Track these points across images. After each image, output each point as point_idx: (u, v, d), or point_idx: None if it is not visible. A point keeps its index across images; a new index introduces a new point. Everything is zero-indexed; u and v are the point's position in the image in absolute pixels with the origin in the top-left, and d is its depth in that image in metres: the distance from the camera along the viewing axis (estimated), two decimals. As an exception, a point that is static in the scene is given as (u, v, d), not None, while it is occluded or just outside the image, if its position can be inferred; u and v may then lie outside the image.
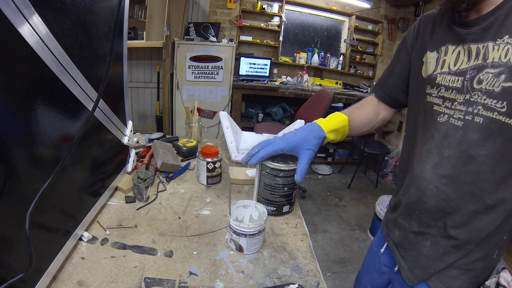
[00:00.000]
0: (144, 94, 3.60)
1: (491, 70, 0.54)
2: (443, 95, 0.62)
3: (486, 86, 0.55)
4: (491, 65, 0.54)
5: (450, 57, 0.61)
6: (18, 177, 0.45)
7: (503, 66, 0.52)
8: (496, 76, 0.53)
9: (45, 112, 0.50)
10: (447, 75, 0.61)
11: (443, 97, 0.62)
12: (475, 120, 0.57)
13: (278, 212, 0.81)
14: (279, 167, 0.73)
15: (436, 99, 0.64)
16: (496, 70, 0.53)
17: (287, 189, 0.77)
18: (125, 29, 0.79)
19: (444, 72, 0.62)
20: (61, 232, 0.59)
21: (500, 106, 0.53)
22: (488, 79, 0.54)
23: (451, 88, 0.61)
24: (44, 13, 0.45)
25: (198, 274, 0.61)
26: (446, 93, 0.62)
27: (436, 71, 0.64)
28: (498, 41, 0.53)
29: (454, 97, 0.60)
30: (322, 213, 2.69)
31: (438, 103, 0.64)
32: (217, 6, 3.38)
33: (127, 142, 0.88)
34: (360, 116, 0.82)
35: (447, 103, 0.62)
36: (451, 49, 0.61)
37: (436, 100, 0.64)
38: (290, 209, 0.84)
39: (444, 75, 0.62)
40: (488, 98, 0.54)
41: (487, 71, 0.54)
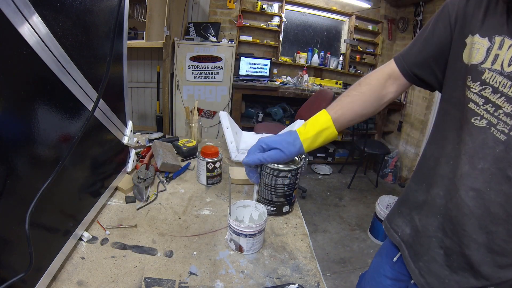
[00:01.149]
0: (144, 94, 3.60)
1: None
2: (487, 96, 0.53)
3: None
4: None
5: (506, 53, 0.50)
6: (18, 177, 0.45)
7: None
8: None
9: (45, 112, 0.50)
10: (498, 75, 0.51)
11: (486, 98, 0.53)
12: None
13: (278, 212, 0.81)
14: (279, 167, 0.73)
15: (476, 96, 0.54)
16: None
17: (287, 189, 0.77)
18: (125, 29, 0.79)
19: (495, 70, 0.52)
20: (61, 232, 0.59)
21: None
22: None
23: (500, 93, 0.51)
24: (44, 13, 0.45)
25: (198, 274, 0.61)
26: (492, 96, 0.52)
27: (485, 64, 0.53)
28: None
29: (500, 104, 0.51)
30: (322, 213, 2.69)
31: (477, 102, 0.54)
32: (217, 6, 3.38)
33: (127, 142, 0.88)
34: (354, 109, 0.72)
35: (489, 107, 0.53)
36: (508, 43, 0.50)
37: (475, 97, 0.54)
38: (290, 209, 0.84)
39: (494, 73, 0.52)
40: None
41: None
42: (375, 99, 0.72)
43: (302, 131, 0.70)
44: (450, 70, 0.62)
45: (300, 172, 0.79)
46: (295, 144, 0.69)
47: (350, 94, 0.73)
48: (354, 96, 0.72)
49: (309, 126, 0.70)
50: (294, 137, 0.70)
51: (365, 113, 0.73)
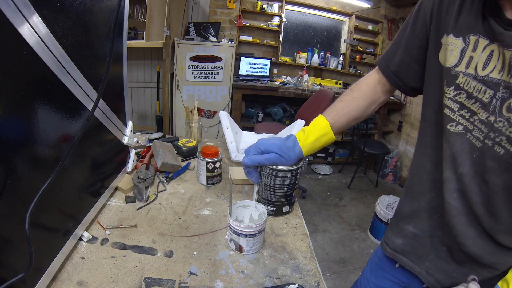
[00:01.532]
0: (144, 94, 3.60)
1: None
2: (462, 102, 0.51)
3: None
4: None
5: (480, 55, 0.48)
6: (18, 177, 0.45)
7: None
8: None
9: (45, 112, 0.50)
10: (473, 80, 0.49)
11: (461, 104, 0.51)
12: (495, 148, 0.48)
13: (278, 212, 0.81)
14: (279, 167, 0.73)
15: (450, 102, 0.53)
16: None
17: (287, 189, 0.77)
18: (125, 29, 0.78)
19: (469, 74, 0.49)
20: (61, 232, 0.59)
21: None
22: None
23: (474, 98, 0.49)
24: (44, 13, 0.45)
25: (198, 274, 0.61)
26: (467, 102, 0.50)
27: (459, 67, 0.51)
28: None
29: (475, 110, 0.49)
30: (322, 213, 2.69)
31: (452, 107, 0.52)
32: (217, 6, 3.38)
33: (127, 142, 0.88)
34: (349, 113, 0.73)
35: (464, 113, 0.51)
36: (482, 43, 0.48)
37: (450, 103, 0.53)
38: (290, 209, 0.84)
39: (468, 78, 0.49)
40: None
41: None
42: (368, 104, 0.74)
43: (302, 137, 0.72)
44: (428, 72, 0.60)
45: (300, 172, 0.79)
46: (294, 149, 0.71)
47: (344, 99, 0.75)
48: (348, 101, 0.74)
49: (308, 132, 0.72)
50: (293, 142, 0.71)
51: (360, 117, 0.75)
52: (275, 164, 0.72)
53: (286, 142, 0.71)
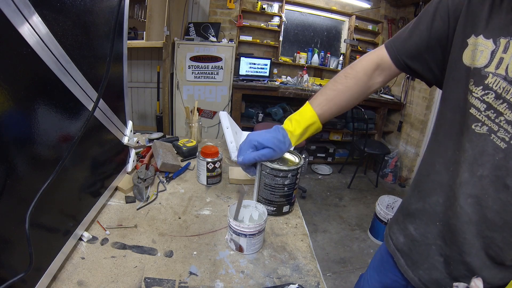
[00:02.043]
0: (144, 94, 3.60)
1: None
2: (489, 102, 0.50)
3: None
4: None
5: (511, 57, 0.48)
6: (18, 177, 0.45)
7: None
8: None
9: (45, 112, 0.50)
10: (503, 80, 0.48)
11: (488, 104, 0.50)
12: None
13: (278, 212, 0.81)
14: (279, 167, 0.73)
15: (477, 101, 0.52)
16: None
17: (287, 189, 0.77)
18: (125, 29, 0.79)
19: (499, 75, 0.49)
20: (61, 232, 0.59)
21: None
22: None
23: (502, 99, 0.48)
24: (44, 13, 0.45)
25: (198, 274, 0.61)
26: (494, 102, 0.49)
27: (489, 67, 0.50)
28: None
29: (502, 111, 0.49)
30: (322, 213, 2.69)
31: (479, 107, 0.51)
32: (217, 6, 3.38)
33: (127, 142, 0.88)
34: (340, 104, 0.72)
35: (490, 113, 0.50)
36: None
37: (477, 102, 0.52)
38: (290, 209, 0.84)
39: (498, 78, 0.49)
40: None
41: None
42: (361, 91, 0.72)
43: (290, 128, 0.73)
44: (450, 70, 0.59)
45: (300, 172, 0.79)
46: (285, 142, 0.73)
47: (336, 88, 0.72)
48: (340, 90, 0.72)
49: (295, 123, 0.73)
50: (283, 134, 0.73)
51: (350, 105, 0.74)
52: (270, 159, 0.74)
53: (277, 135, 0.72)
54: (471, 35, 0.53)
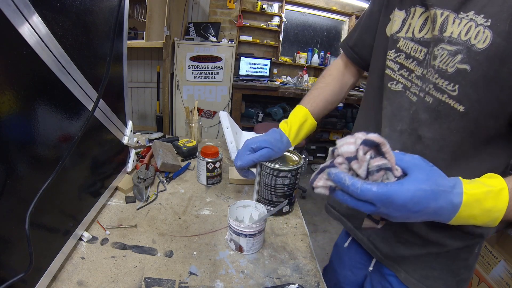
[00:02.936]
0: (144, 94, 3.60)
1: (447, 46, 0.48)
2: (401, 62, 0.57)
3: (439, 64, 0.49)
4: (448, 41, 0.48)
5: (417, 21, 0.54)
6: (18, 177, 0.45)
7: (461, 45, 0.46)
8: (452, 55, 0.47)
9: (45, 112, 0.50)
10: (410, 42, 0.55)
11: (400, 64, 0.57)
12: (426, 99, 0.52)
13: (278, 212, 0.81)
14: (279, 167, 0.73)
15: (391, 63, 0.59)
16: (453, 48, 0.47)
17: (287, 189, 0.77)
18: (125, 29, 0.78)
19: (407, 38, 0.56)
20: (61, 232, 0.59)
21: (452, 89, 0.48)
22: (442, 57, 0.48)
23: (412, 58, 0.55)
24: (44, 13, 0.45)
25: (198, 274, 0.61)
26: (406, 62, 0.56)
27: (400, 33, 0.58)
28: (461, 15, 0.46)
29: (413, 68, 0.55)
30: (322, 213, 2.69)
31: (393, 68, 0.58)
32: (217, 6, 3.38)
33: (127, 142, 0.88)
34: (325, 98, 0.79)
35: (403, 72, 0.57)
36: (419, 11, 0.54)
37: (391, 64, 0.59)
38: (290, 209, 0.84)
39: (407, 41, 0.56)
40: (440, 78, 0.49)
41: (443, 46, 0.48)
42: (339, 87, 0.81)
43: (286, 127, 0.76)
44: (376, 44, 0.67)
45: (300, 172, 0.79)
46: (282, 140, 0.74)
47: (318, 86, 0.82)
48: (322, 88, 0.81)
49: (290, 122, 0.77)
50: (281, 134, 0.75)
51: (335, 100, 0.82)
52: (268, 159, 0.74)
53: (274, 135, 0.74)
54: (392, 11, 0.61)
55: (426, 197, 0.39)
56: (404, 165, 0.42)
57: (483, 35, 0.44)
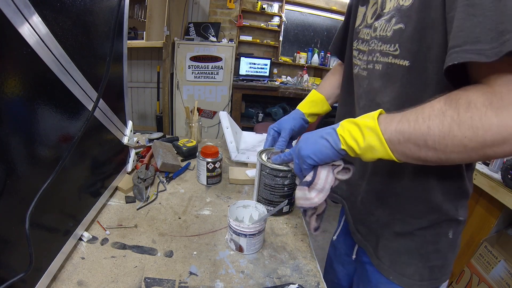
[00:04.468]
0: (144, 94, 3.60)
1: (385, 17, 0.55)
2: (359, 48, 0.64)
3: (380, 32, 0.55)
4: (386, 14, 0.54)
5: (370, 10, 0.62)
6: (18, 177, 0.45)
7: (394, 10, 0.52)
8: (388, 21, 0.53)
9: (45, 112, 0.50)
10: (364, 28, 0.63)
11: (359, 50, 0.65)
12: (376, 68, 0.58)
13: (278, 212, 0.81)
14: (279, 167, 0.73)
15: (355, 52, 0.67)
16: (387, 16, 0.54)
17: (287, 189, 0.77)
18: (125, 29, 0.79)
19: (364, 26, 0.63)
20: (61, 232, 0.59)
21: (393, 49, 0.53)
22: (381, 25, 0.55)
23: (361, 40, 0.63)
24: (44, 13, 0.45)
25: (198, 274, 0.61)
26: (360, 45, 0.64)
27: (361, 25, 0.65)
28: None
29: (363, 49, 0.62)
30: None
31: (355, 55, 0.66)
32: (217, 6, 3.38)
33: (127, 142, 0.88)
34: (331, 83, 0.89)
35: (360, 55, 0.64)
36: (372, 2, 0.61)
37: (355, 53, 0.67)
38: (290, 209, 0.84)
39: (363, 29, 0.63)
40: (383, 44, 0.55)
41: (382, 18, 0.55)
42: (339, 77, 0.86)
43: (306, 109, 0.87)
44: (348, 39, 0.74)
45: None
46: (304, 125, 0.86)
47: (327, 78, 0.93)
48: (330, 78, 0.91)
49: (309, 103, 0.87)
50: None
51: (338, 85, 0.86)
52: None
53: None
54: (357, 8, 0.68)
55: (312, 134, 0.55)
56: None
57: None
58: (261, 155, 0.79)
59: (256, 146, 1.20)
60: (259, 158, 0.77)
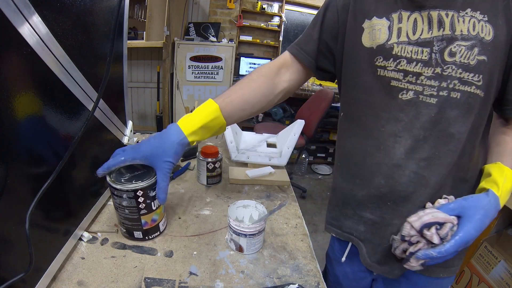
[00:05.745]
0: (144, 94, 3.60)
1: (462, 42, 0.52)
2: (404, 69, 0.55)
3: (460, 59, 0.52)
4: (462, 38, 0.52)
5: (407, 24, 0.55)
6: (18, 177, 0.45)
7: (474, 39, 0.51)
8: (470, 49, 0.52)
9: (45, 112, 0.50)
10: (407, 46, 0.55)
11: (404, 71, 0.55)
12: (452, 95, 0.54)
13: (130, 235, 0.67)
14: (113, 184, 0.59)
15: (394, 73, 0.56)
16: (468, 43, 0.52)
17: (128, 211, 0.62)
18: (125, 29, 0.79)
19: (402, 42, 0.55)
20: (61, 232, 0.59)
21: (477, 79, 0.53)
22: (461, 52, 0.52)
23: (415, 61, 0.54)
24: (44, 13, 0.45)
25: (198, 274, 0.61)
26: (409, 66, 0.55)
27: (391, 40, 0.56)
28: (461, 13, 0.52)
29: (419, 71, 0.54)
30: (322, 213, 2.69)
31: (398, 77, 0.56)
32: (217, 6, 3.38)
33: (127, 142, 0.88)
34: (244, 96, 0.65)
35: (410, 78, 0.55)
36: (405, 15, 0.55)
37: (393, 74, 0.56)
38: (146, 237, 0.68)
39: (403, 46, 0.55)
40: (464, 72, 0.53)
41: (459, 43, 0.52)
42: (267, 87, 0.68)
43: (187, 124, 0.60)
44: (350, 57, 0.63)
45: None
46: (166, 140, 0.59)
47: (240, 82, 0.68)
48: (244, 84, 0.67)
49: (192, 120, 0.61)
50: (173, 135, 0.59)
51: (257, 102, 0.67)
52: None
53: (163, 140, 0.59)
54: (364, 20, 0.59)
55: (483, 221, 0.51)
56: (455, 212, 0.52)
57: (487, 29, 0.51)
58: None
59: (256, 146, 1.20)
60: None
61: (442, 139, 0.56)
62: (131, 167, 0.65)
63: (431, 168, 0.57)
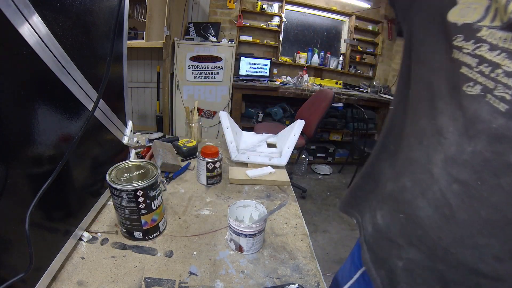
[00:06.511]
0: (144, 94, 3.60)
1: None
2: (482, 55, 0.40)
3: None
4: None
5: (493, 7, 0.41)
6: (18, 177, 0.45)
7: None
8: None
9: (45, 112, 0.50)
10: (499, 31, 0.39)
11: (480, 57, 0.41)
12: None
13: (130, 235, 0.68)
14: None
15: (468, 57, 0.42)
16: None
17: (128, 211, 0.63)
18: (125, 29, 0.79)
19: (495, 27, 0.40)
20: (61, 232, 0.59)
21: None
22: None
23: (499, 49, 0.39)
24: (44, 13, 0.45)
25: (198, 274, 0.61)
26: (489, 54, 0.40)
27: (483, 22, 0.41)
28: None
29: (499, 62, 0.39)
30: (322, 213, 2.69)
31: (470, 63, 0.41)
32: (217, 6, 3.38)
33: (127, 142, 0.88)
34: None
35: (483, 67, 0.40)
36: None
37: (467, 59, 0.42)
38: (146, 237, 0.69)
39: (494, 30, 0.40)
40: None
41: None
42: None
43: None
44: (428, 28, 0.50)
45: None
46: None
47: None
48: None
49: None
50: None
51: None
52: None
53: None
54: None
55: None
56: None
57: None
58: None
59: (256, 146, 1.20)
60: None
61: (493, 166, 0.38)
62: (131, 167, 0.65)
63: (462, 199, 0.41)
